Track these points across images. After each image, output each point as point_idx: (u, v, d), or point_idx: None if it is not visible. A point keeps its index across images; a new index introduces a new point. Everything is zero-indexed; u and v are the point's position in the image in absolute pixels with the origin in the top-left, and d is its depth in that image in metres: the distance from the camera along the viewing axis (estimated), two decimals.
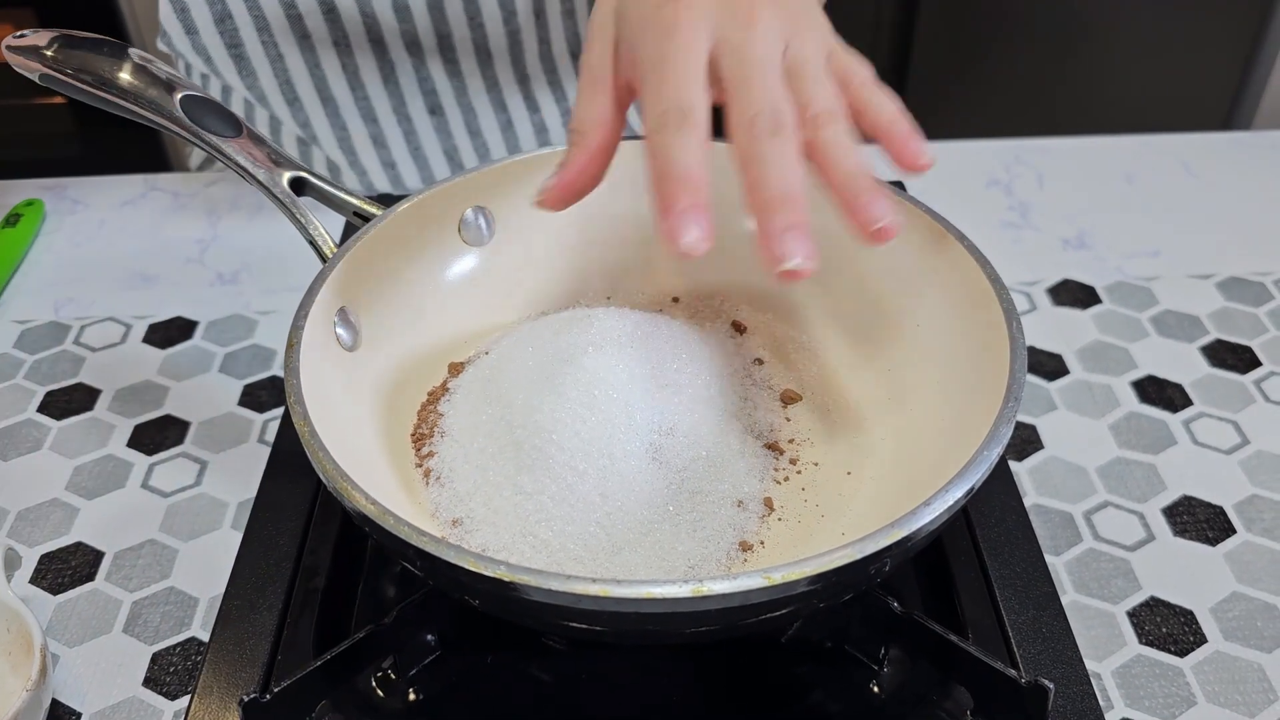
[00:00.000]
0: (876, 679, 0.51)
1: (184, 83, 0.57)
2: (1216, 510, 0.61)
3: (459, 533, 0.50)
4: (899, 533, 0.41)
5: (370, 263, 0.57)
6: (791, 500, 0.53)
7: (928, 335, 0.57)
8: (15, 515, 0.63)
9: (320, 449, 0.44)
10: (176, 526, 0.62)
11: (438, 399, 0.58)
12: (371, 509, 0.42)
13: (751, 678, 0.52)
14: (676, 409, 0.53)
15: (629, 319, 0.56)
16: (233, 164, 0.56)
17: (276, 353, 0.73)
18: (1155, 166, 0.89)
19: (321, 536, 0.57)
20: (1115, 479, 0.63)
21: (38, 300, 0.79)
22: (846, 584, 0.44)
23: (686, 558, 0.49)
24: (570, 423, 0.51)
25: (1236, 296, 0.76)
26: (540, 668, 0.52)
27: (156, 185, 0.90)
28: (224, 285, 0.79)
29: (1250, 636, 0.55)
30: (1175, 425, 0.67)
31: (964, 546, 0.56)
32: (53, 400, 0.70)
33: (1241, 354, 0.72)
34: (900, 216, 0.45)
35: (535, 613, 0.45)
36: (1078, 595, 0.57)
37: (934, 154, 0.45)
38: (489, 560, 0.40)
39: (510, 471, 0.51)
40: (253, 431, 0.67)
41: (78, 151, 1.76)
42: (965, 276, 0.54)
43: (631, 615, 0.40)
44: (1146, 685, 0.53)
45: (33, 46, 0.57)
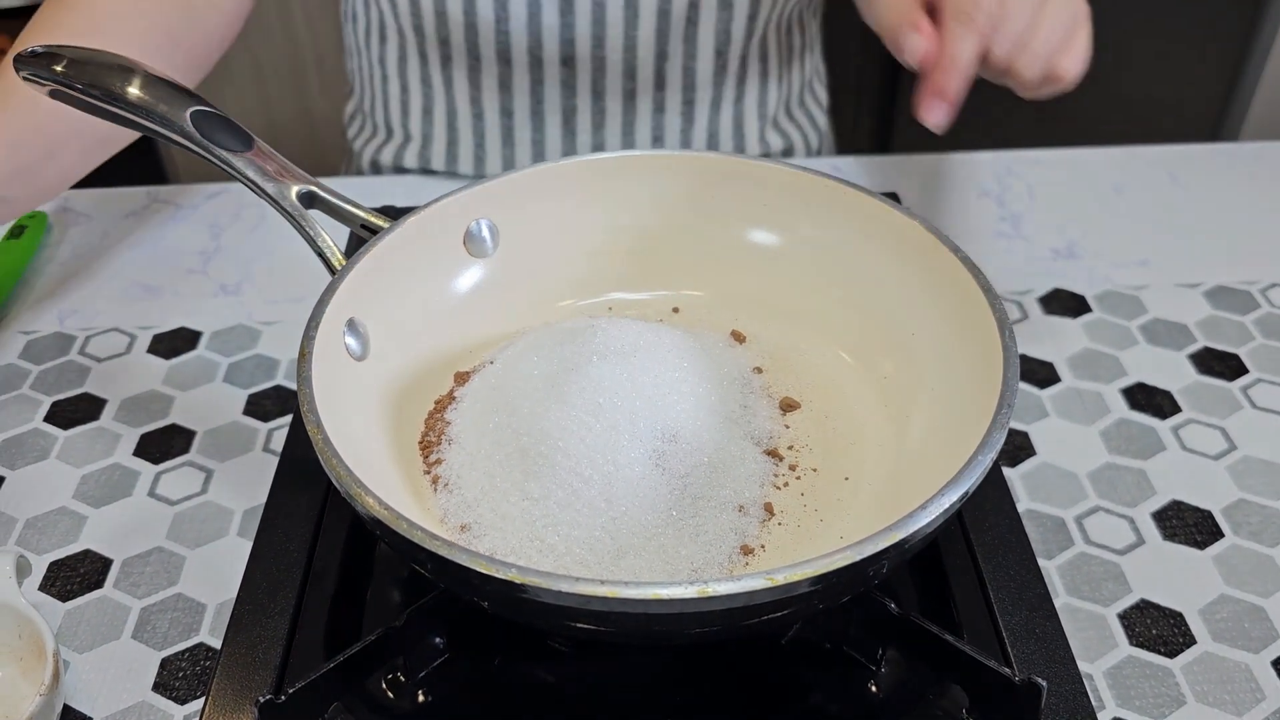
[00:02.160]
0: (874, 679, 0.52)
1: (194, 97, 0.58)
2: (1205, 514, 0.63)
3: (467, 537, 0.51)
4: (896, 535, 0.42)
5: (378, 274, 0.58)
6: (791, 505, 0.55)
7: (923, 344, 0.58)
8: (24, 523, 0.64)
9: (334, 456, 0.45)
10: (183, 534, 0.63)
11: (445, 407, 0.59)
12: (385, 514, 0.43)
13: (753, 678, 0.53)
14: (679, 416, 0.54)
15: (631, 329, 0.58)
16: (243, 177, 0.57)
17: (280, 362, 0.74)
18: (1144, 177, 0.91)
19: (330, 542, 0.58)
20: (1106, 484, 0.65)
21: (43, 311, 0.80)
22: (846, 585, 0.45)
23: (689, 561, 0.50)
24: (575, 430, 0.52)
25: (1224, 305, 0.78)
26: (546, 670, 0.53)
27: (159, 197, 0.91)
28: (227, 296, 0.80)
29: (1238, 637, 0.56)
30: (1164, 431, 0.68)
31: (959, 550, 0.57)
32: (59, 410, 0.71)
33: (1229, 361, 0.73)
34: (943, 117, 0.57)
35: (544, 614, 0.46)
36: (1070, 598, 0.58)
37: (939, 120, 0.57)
38: (501, 563, 0.41)
39: (517, 478, 0.52)
40: (257, 440, 0.68)
41: None
42: (959, 286, 0.55)
43: (638, 616, 0.41)
44: (1137, 685, 0.55)
45: (44, 62, 0.58)
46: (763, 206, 0.65)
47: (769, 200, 0.64)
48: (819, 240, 0.64)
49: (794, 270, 0.65)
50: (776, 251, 0.65)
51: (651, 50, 0.86)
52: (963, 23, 0.56)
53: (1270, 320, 0.76)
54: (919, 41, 0.57)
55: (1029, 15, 0.58)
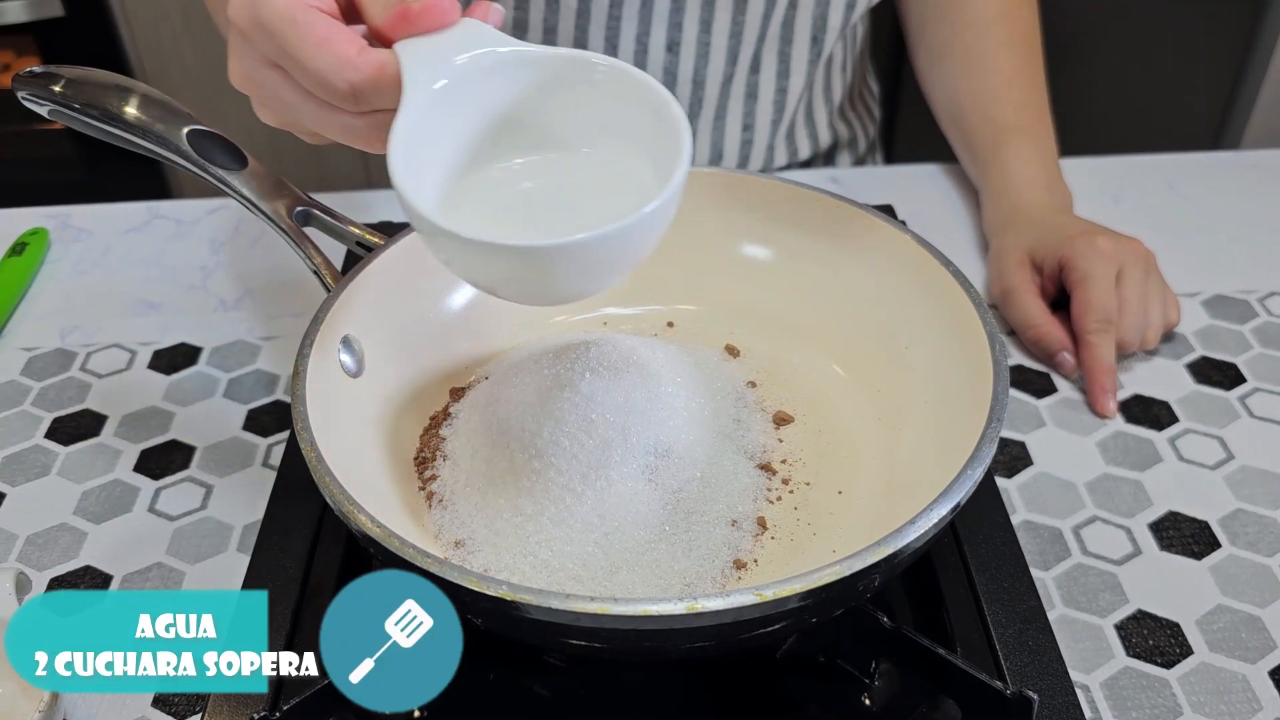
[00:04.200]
0: (868, 692, 0.52)
1: (189, 117, 0.58)
2: (1201, 525, 0.63)
3: (461, 554, 0.52)
4: (886, 550, 0.42)
5: (373, 291, 0.58)
6: (784, 519, 0.55)
7: (916, 358, 0.58)
8: (25, 540, 0.64)
9: (327, 474, 0.46)
10: (183, 549, 0.63)
11: (439, 423, 0.59)
12: (377, 531, 0.43)
13: (746, 692, 0.53)
14: (671, 431, 0.54)
15: (624, 344, 0.58)
16: (239, 196, 0.57)
17: (279, 377, 0.74)
18: (1142, 186, 0.91)
19: (327, 558, 0.58)
20: (1103, 495, 0.65)
21: (44, 327, 0.80)
22: (837, 600, 0.45)
23: (682, 576, 0.51)
24: (568, 446, 0.52)
25: (1221, 314, 0.78)
26: (541, 685, 0.54)
27: (159, 213, 0.91)
28: (227, 311, 0.81)
29: (1235, 648, 0.56)
30: (1161, 443, 0.68)
31: (952, 562, 0.57)
32: (60, 426, 0.72)
33: (1226, 370, 0.73)
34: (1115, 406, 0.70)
35: (536, 630, 0.46)
36: (1066, 609, 0.58)
37: (1115, 409, 0.70)
38: (491, 580, 0.41)
39: (510, 494, 0.52)
40: (257, 455, 0.69)
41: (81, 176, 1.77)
42: (952, 301, 0.56)
43: (629, 632, 0.41)
44: (1134, 696, 0.54)
45: (42, 82, 0.58)
46: (756, 221, 0.65)
47: (762, 214, 0.65)
48: (812, 254, 0.64)
49: (787, 284, 0.65)
50: (770, 266, 0.65)
51: (755, 33, 0.87)
52: (1099, 331, 0.71)
53: (1268, 329, 0.76)
54: (1070, 360, 0.72)
55: (1138, 300, 0.72)
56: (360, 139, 0.46)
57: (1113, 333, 0.71)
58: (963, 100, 0.88)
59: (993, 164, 0.84)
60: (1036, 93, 0.86)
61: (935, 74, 0.91)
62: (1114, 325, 0.71)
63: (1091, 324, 0.71)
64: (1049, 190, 0.82)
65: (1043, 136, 0.85)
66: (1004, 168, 0.83)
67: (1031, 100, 0.86)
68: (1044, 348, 0.73)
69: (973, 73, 0.88)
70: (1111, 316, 0.71)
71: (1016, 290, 0.76)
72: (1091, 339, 0.71)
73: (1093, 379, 0.71)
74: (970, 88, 0.88)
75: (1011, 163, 0.83)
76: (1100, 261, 0.73)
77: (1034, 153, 0.83)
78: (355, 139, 0.46)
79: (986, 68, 0.87)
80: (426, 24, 0.45)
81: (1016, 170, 0.82)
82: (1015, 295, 0.76)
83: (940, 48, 0.90)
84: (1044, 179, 0.82)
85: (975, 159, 0.86)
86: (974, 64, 0.88)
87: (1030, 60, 0.87)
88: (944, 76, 0.90)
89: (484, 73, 0.46)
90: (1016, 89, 0.86)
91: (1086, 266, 0.73)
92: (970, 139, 0.87)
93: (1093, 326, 0.71)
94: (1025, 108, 0.85)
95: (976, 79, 0.87)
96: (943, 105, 0.91)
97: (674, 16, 0.84)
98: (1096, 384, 0.70)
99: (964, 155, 0.89)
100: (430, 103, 0.45)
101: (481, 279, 0.47)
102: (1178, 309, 0.75)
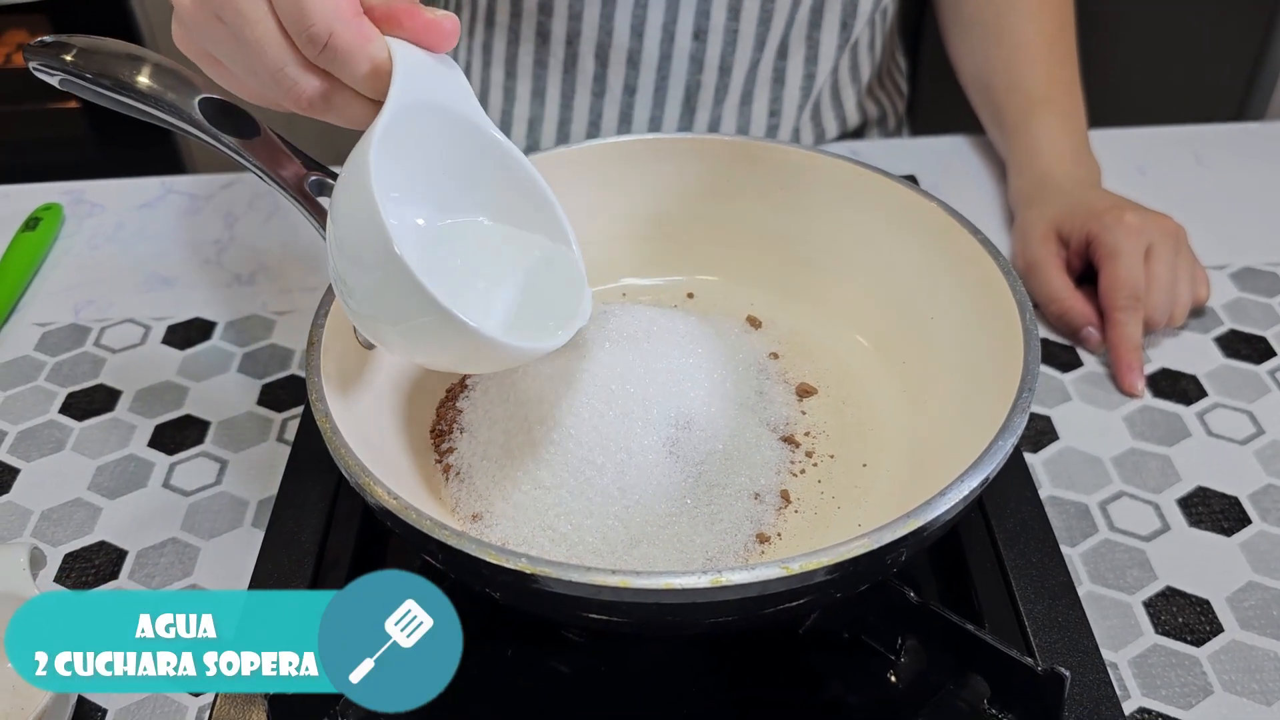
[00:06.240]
0: (894, 668, 0.52)
1: (202, 85, 0.57)
2: (1231, 500, 0.62)
3: (479, 527, 0.51)
4: (915, 523, 0.41)
5: None
6: (808, 493, 0.54)
7: (942, 328, 0.57)
8: (39, 515, 0.64)
9: (343, 445, 0.45)
10: (198, 525, 0.63)
11: (456, 396, 0.58)
12: (394, 504, 0.42)
13: (770, 668, 0.52)
14: (693, 403, 0.53)
15: (644, 314, 0.57)
16: (251, 165, 0.56)
17: (294, 352, 0.74)
18: (1168, 158, 0.89)
19: (342, 533, 0.58)
20: (1130, 470, 0.63)
21: (58, 303, 0.79)
22: (863, 574, 0.45)
23: (704, 550, 0.50)
24: (588, 417, 0.51)
25: (1250, 287, 0.76)
26: (560, 661, 0.53)
27: (173, 188, 0.91)
28: (241, 286, 0.80)
29: (1266, 625, 0.55)
30: (1189, 417, 0.67)
31: (980, 537, 0.56)
32: (74, 401, 0.71)
33: (1256, 344, 0.72)
34: (1143, 385, 0.69)
35: (556, 604, 0.45)
36: (1094, 586, 0.57)
37: (1142, 385, 0.69)
38: (510, 553, 0.40)
39: (529, 466, 0.51)
40: (272, 430, 0.68)
41: (94, 155, 1.77)
42: (979, 269, 0.54)
43: (651, 606, 0.41)
44: (1163, 675, 0.54)
45: (53, 52, 0.58)
46: (778, 190, 0.64)
47: (784, 183, 0.63)
48: (836, 223, 0.63)
49: (810, 254, 0.64)
50: (792, 235, 0.64)
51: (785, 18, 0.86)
52: (1126, 309, 0.70)
53: None
54: (1095, 335, 0.71)
55: (1167, 278, 0.71)
56: (290, 94, 0.45)
57: (1140, 310, 0.70)
58: (992, 70, 0.86)
59: (1020, 135, 0.82)
60: (1067, 64, 0.85)
61: (964, 44, 0.90)
62: (1142, 303, 0.70)
63: (1120, 301, 0.70)
64: (1077, 163, 0.80)
65: (1072, 109, 0.83)
66: (1032, 139, 0.81)
67: (1061, 72, 0.84)
68: (1068, 323, 0.72)
69: (1003, 43, 0.86)
70: (1139, 294, 0.70)
71: (1041, 264, 0.74)
72: (1119, 316, 0.70)
73: (1119, 357, 0.69)
74: (1000, 57, 0.86)
75: (1039, 134, 0.81)
76: (1129, 237, 0.71)
77: (1062, 125, 0.82)
78: (284, 89, 0.45)
79: (1016, 39, 0.85)
80: (429, 38, 0.45)
81: (1044, 142, 0.81)
82: (1040, 269, 0.74)
83: (970, 17, 0.88)
84: (1072, 151, 0.80)
85: (1002, 130, 0.85)
86: (1004, 34, 0.86)
87: (1061, 32, 0.85)
88: (973, 46, 0.88)
89: (454, 118, 0.47)
90: (1046, 60, 0.84)
91: (1114, 242, 0.71)
92: (998, 110, 0.85)
93: (1121, 304, 0.70)
94: (1055, 79, 0.84)
95: (1006, 49, 0.86)
96: (971, 75, 0.89)
97: (701, 4, 0.83)
98: (1123, 362, 0.69)
99: (991, 126, 0.87)
100: (416, 107, 0.45)
101: (397, 324, 0.46)
102: (1207, 286, 0.74)
